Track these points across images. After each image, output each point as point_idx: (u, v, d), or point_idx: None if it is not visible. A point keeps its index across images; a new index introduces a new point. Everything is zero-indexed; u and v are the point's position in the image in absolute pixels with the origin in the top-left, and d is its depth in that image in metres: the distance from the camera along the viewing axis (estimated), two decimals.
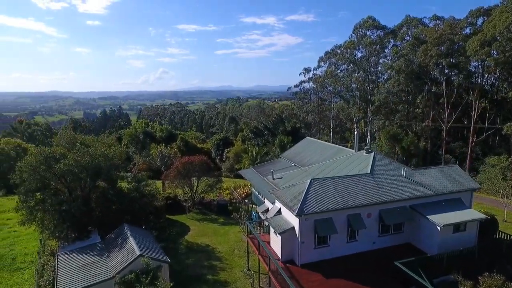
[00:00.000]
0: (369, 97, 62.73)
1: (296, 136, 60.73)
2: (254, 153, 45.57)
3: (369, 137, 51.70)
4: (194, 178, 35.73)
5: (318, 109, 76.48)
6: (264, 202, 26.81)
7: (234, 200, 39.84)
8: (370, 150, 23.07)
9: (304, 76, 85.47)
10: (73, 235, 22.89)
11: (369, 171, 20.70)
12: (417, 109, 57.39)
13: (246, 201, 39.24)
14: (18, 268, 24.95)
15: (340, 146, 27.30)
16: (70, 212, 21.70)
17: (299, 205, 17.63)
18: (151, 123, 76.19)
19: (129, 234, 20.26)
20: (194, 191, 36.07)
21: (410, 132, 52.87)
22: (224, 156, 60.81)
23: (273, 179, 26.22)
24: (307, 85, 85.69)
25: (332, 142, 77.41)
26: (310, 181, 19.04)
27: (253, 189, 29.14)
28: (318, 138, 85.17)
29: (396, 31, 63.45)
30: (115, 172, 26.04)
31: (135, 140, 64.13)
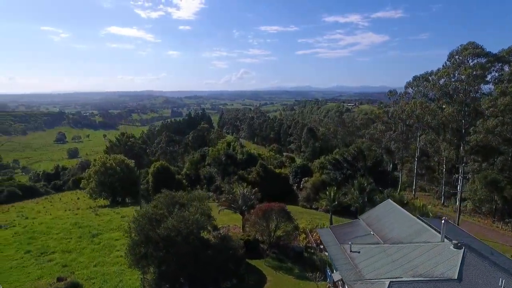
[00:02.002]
0: (463, 131, 56.89)
1: (376, 171, 58.57)
2: (332, 193, 45.47)
3: (460, 182, 46.77)
4: (272, 224, 37.53)
5: (402, 136, 72.02)
6: (337, 270, 27.08)
7: (310, 245, 40.61)
8: (459, 244, 21.64)
9: (389, 98, 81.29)
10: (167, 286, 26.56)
11: (456, 276, 19.55)
12: None
13: (322, 247, 39.68)
14: None
15: (423, 224, 25.86)
16: (168, 272, 25.21)
17: None
18: (233, 143, 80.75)
19: None
20: (272, 235, 37.89)
21: None
22: (301, 185, 61.65)
23: (351, 251, 26.34)
24: (391, 106, 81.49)
25: (416, 172, 72.38)
26: (389, 285, 18.91)
27: (329, 250, 29.49)
28: (402, 165, 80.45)
29: (503, 57, 56.04)
30: (205, 226, 29.25)
31: (217, 162, 68.97)
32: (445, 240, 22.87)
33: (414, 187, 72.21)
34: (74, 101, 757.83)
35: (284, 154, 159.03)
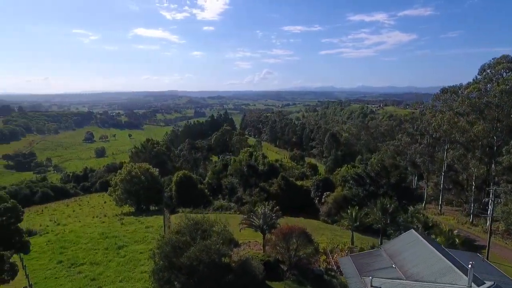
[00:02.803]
0: (495, 149, 54.53)
1: (400, 187, 57.25)
2: (353, 213, 45.01)
3: (491, 206, 44.54)
4: (293, 246, 37.64)
5: (428, 149, 69.85)
6: None
7: (330, 267, 40.36)
8: None
9: (415, 109, 79.07)
10: None
11: None
12: None
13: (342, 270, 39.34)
14: None
15: (449, 263, 25.06)
16: None
17: None
18: (255, 152, 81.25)
19: None
20: (292, 257, 38.01)
21: None
22: (323, 199, 61.28)
23: (372, 286, 26.03)
24: (418, 119, 79.25)
25: (443, 186, 69.96)
26: None
27: (349, 283, 29.24)
28: (427, 179, 77.99)
29: None
30: (226, 253, 29.82)
31: (239, 173, 69.71)
32: (473, 284, 22.16)
33: (440, 202, 69.97)
34: (102, 100, 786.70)
35: (306, 159, 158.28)
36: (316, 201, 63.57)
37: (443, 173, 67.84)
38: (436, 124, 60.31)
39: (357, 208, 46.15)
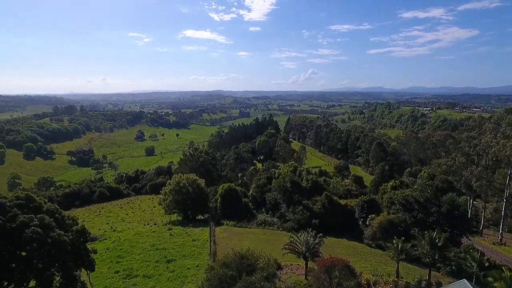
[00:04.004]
0: None
1: (452, 216, 54.21)
2: (399, 245, 43.63)
3: None
4: (335, 279, 37.61)
5: (487, 173, 65.13)
6: None
7: None
8: None
9: (474, 122, 74.04)
10: None
11: None
12: None
13: None
14: None
15: None
16: None
17: None
18: (299, 167, 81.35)
19: None
20: None
21: None
22: (367, 221, 59.98)
23: None
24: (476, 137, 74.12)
25: (504, 213, 64.92)
26: None
27: None
28: (485, 202, 72.65)
29: None
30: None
31: (282, 189, 70.42)
32: None
33: (501, 230, 65.01)
34: (152, 100, 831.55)
35: (351, 167, 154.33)
36: (360, 222, 62.35)
37: (504, 199, 63.00)
38: (497, 149, 56.10)
39: (403, 239, 44.64)
